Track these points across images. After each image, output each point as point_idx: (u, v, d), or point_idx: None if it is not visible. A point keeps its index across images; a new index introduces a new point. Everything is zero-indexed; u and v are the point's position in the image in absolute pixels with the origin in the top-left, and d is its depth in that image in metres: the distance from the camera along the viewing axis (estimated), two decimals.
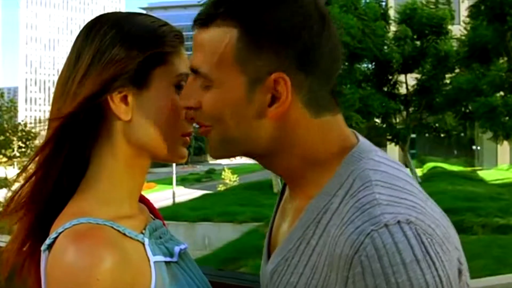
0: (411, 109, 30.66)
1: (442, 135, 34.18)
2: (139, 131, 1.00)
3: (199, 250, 17.58)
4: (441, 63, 28.36)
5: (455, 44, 29.08)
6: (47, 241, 0.92)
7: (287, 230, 1.06)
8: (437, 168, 40.40)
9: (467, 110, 29.07)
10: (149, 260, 0.94)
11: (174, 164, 50.20)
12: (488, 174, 37.91)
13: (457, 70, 29.28)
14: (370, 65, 30.36)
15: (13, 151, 23.55)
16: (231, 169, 54.26)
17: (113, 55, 0.97)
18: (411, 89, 30.35)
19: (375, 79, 29.65)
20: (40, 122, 1.04)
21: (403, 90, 30.83)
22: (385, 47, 27.97)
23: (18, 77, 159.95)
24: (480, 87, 25.57)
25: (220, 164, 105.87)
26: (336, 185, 0.98)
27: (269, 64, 0.95)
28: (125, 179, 1.02)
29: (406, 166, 36.53)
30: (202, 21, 0.99)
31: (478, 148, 55.18)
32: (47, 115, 1.00)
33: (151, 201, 1.18)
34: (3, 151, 23.29)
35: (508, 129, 26.27)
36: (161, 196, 49.19)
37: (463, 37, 28.77)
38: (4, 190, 21.34)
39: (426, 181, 31.82)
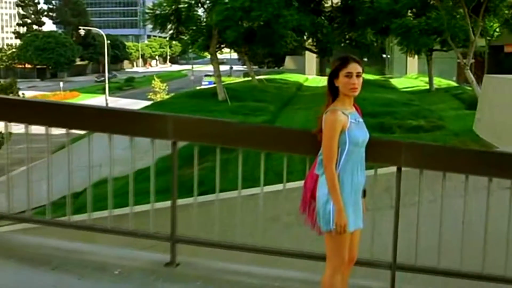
0: (335, 25, 34.03)
1: (360, 46, 37.88)
2: (341, 88, 3.57)
3: (164, 150, 20.50)
4: None
5: None
6: (327, 110, 3.59)
7: None
8: None
9: (384, 26, 32.84)
10: (348, 119, 3.55)
11: (106, 72, 51.43)
12: (398, 82, 42.02)
13: None
14: None
15: None
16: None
17: (334, 66, 3.88)
18: (335, 6, 33.56)
19: None
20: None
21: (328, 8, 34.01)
22: None
23: None
24: (397, 9, 29.29)
25: (137, 72, 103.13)
26: None
27: None
28: (345, 99, 3.59)
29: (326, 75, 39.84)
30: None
31: (388, 57, 59.59)
32: None
33: None
34: None
35: (420, 45, 30.70)
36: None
37: None
38: None
39: None
